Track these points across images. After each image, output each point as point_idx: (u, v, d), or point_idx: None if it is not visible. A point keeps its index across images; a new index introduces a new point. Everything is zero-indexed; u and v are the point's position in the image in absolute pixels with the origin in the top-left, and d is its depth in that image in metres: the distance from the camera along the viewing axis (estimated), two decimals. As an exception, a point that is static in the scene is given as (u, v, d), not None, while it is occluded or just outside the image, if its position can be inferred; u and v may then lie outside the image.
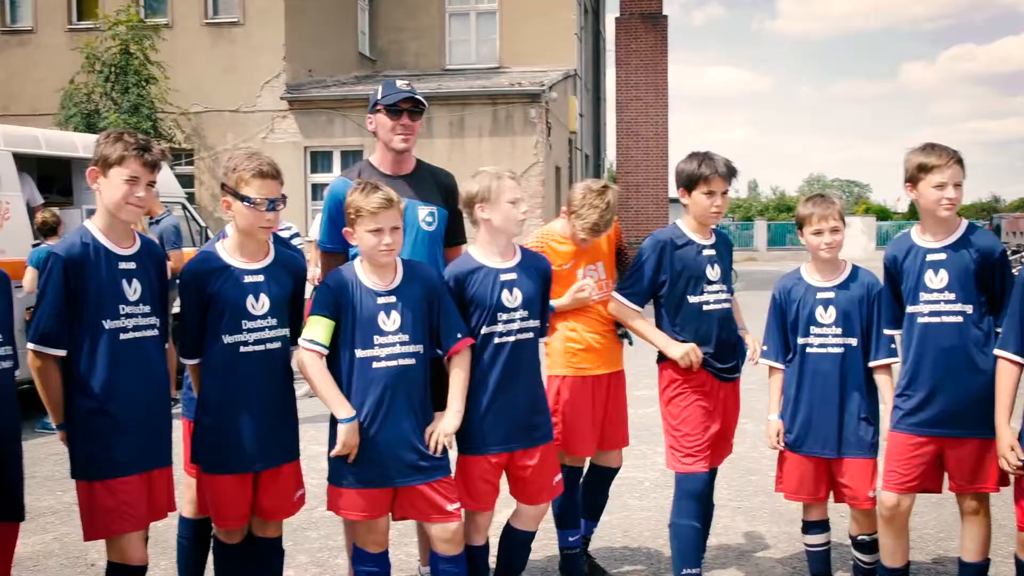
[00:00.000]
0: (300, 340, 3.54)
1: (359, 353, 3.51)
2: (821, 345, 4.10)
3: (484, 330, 3.77)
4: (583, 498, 4.53)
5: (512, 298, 3.81)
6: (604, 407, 4.43)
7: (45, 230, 8.61)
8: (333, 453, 3.49)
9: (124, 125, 15.46)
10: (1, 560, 3.06)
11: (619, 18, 25.15)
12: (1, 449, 3.00)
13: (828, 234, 4.07)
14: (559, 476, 4.03)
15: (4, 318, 3.05)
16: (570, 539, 4.47)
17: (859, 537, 4.16)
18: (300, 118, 18.13)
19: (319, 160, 18.31)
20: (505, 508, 4.07)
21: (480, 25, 21.98)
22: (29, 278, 7.97)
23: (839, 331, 4.07)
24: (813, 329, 4.11)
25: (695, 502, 4.17)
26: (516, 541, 4.06)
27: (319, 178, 17.98)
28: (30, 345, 3.22)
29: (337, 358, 3.54)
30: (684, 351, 4.11)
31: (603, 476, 4.63)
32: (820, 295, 4.12)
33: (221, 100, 18.07)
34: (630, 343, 4.61)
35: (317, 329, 3.52)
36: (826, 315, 4.09)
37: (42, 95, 17.31)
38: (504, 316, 3.79)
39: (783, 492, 4.27)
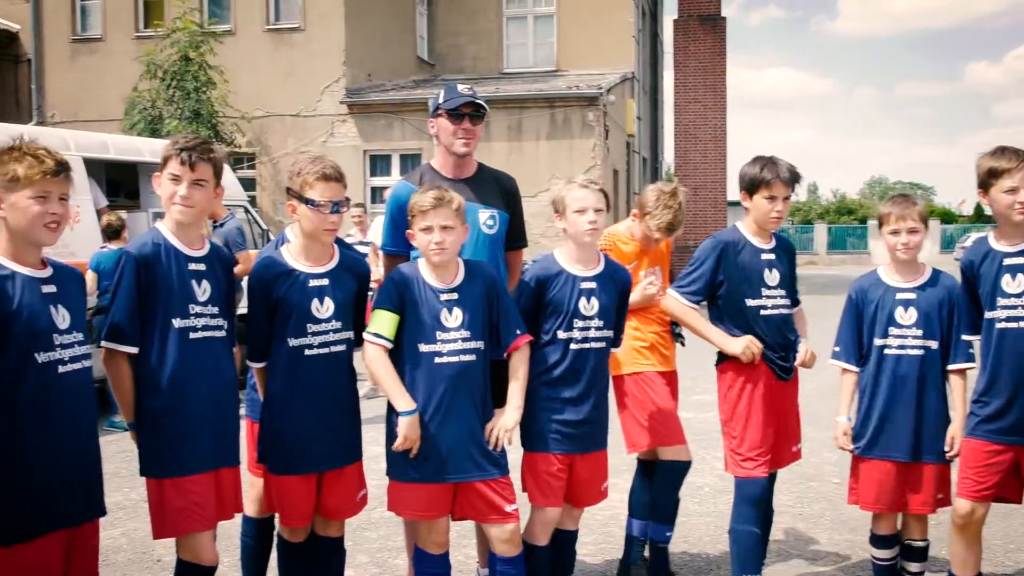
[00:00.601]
0: (365, 334, 3.59)
1: (423, 348, 3.55)
2: (900, 347, 4.02)
3: (561, 335, 3.81)
4: (650, 498, 4.54)
5: (589, 306, 3.84)
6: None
7: (110, 232, 8.81)
8: (395, 446, 3.53)
9: (186, 130, 15.78)
10: (89, 555, 3.12)
11: (677, 20, 25.00)
12: (83, 447, 3.03)
13: (905, 234, 4.01)
14: (607, 482, 4.05)
15: (81, 317, 3.08)
16: (667, 534, 4.52)
17: (914, 543, 4.09)
18: (359, 122, 18.31)
19: (378, 163, 18.48)
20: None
21: (537, 28, 22.01)
22: (89, 280, 8.16)
23: (919, 333, 3.99)
24: (892, 330, 4.03)
25: (755, 507, 4.14)
26: (561, 541, 4.07)
27: (378, 181, 18.14)
28: (103, 343, 3.29)
29: (401, 352, 3.58)
30: (744, 345, 4.08)
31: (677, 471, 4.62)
32: (900, 296, 4.05)
33: (282, 105, 18.33)
34: (683, 344, 4.61)
35: (382, 323, 3.57)
36: (906, 316, 4.02)
37: (110, 102, 17.71)
38: (580, 323, 3.82)
39: (858, 503, 4.16)
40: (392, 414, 3.61)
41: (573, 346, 3.82)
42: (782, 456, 4.33)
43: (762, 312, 4.16)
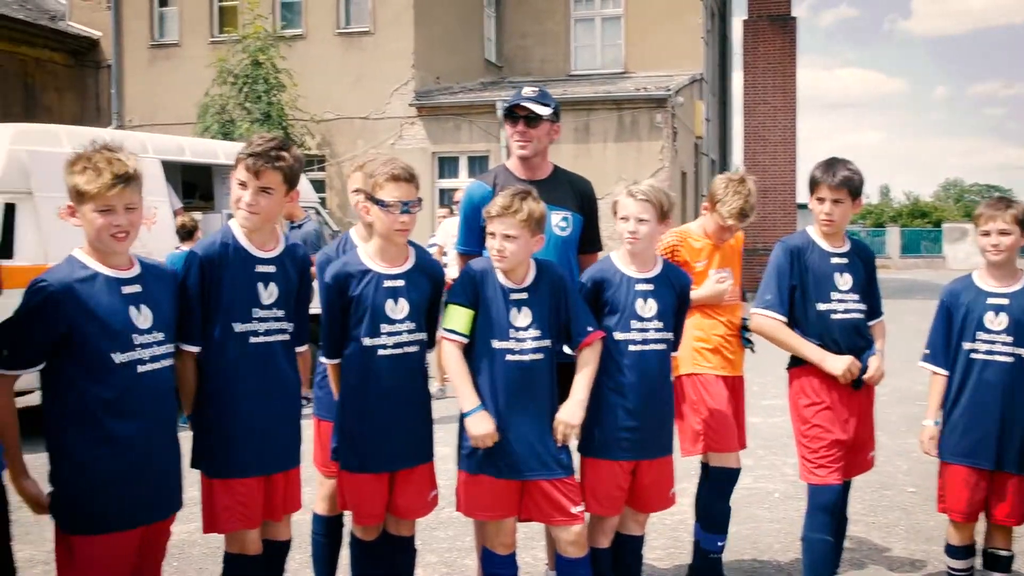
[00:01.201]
0: (440, 330, 3.62)
1: (495, 344, 3.58)
2: (988, 352, 3.94)
3: (619, 336, 3.78)
4: (700, 506, 4.49)
5: (647, 308, 3.82)
6: (732, 411, 4.42)
7: (183, 233, 9.00)
8: (471, 444, 3.55)
9: (258, 133, 16.03)
10: (159, 548, 3.19)
11: (747, 21, 24.74)
12: (162, 445, 3.09)
13: (995, 235, 3.92)
14: (674, 488, 4.02)
15: (166, 317, 3.12)
16: (719, 543, 4.45)
17: (998, 552, 3.99)
18: (427, 124, 18.44)
19: (446, 165, 18.59)
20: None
21: (605, 30, 21.95)
22: None
23: (1009, 340, 3.91)
24: (980, 335, 3.95)
25: (828, 515, 4.07)
26: (627, 546, 4.05)
27: (446, 183, 18.26)
28: None
29: (473, 348, 3.61)
30: (845, 367, 4.02)
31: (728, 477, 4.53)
32: (991, 300, 3.96)
33: (351, 107, 18.54)
34: (752, 350, 4.56)
35: (457, 318, 3.60)
36: (996, 321, 3.93)
37: (185, 105, 18.07)
38: (638, 325, 3.80)
39: (948, 512, 4.07)
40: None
41: (632, 348, 3.80)
42: (856, 463, 4.26)
43: (833, 316, 4.10)
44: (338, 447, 3.64)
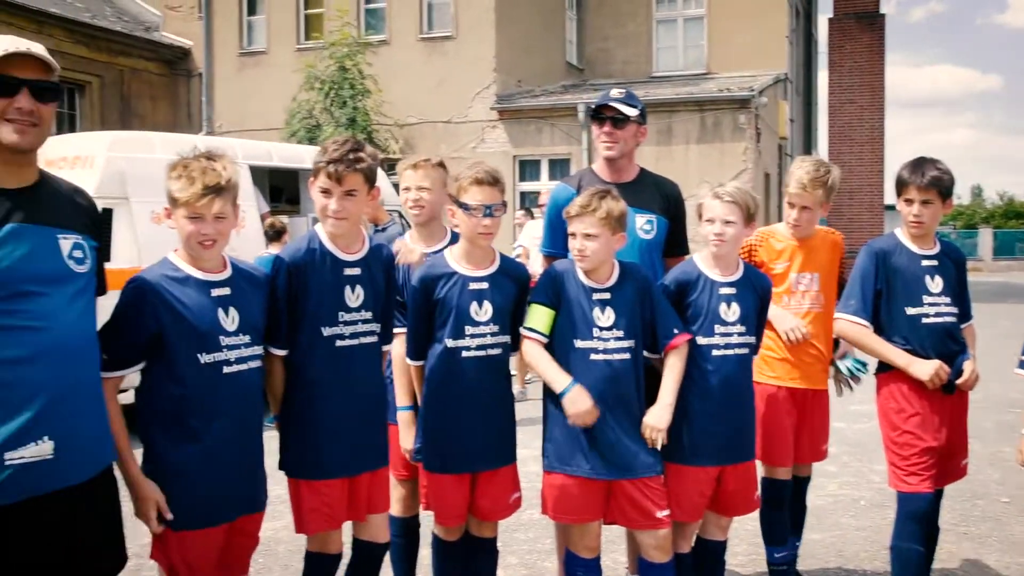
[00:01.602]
0: (521, 329, 3.63)
1: (578, 344, 3.58)
2: None
3: (702, 340, 3.75)
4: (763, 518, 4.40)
5: (730, 312, 3.79)
6: (800, 423, 4.29)
7: (272, 234, 9.18)
8: (571, 424, 3.52)
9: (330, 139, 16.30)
10: (245, 545, 3.26)
11: (832, 19, 24.27)
12: (247, 445, 3.16)
13: None
14: (758, 491, 3.97)
15: (254, 319, 3.16)
16: (776, 555, 4.38)
17: None
18: (509, 127, 18.51)
19: (527, 168, 18.64)
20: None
21: (688, 31, 21.75)
22: None
23: None
24: None
25: (918, 524, 3.97)
26: (709, 552, 4.02)
27: (527, 186, 18.30)
28: None
29: (554, 348, 3.62)
30: (932, 372, 3.92)
31: (796, 486, 4.45)
32: None
33: (434, 111, 18.71)
34: (851, 387, 4.41)
35: (538, 318, 3.61)
36: None
37: (273, 111, 18.46)
38: (721, 329, 3.76)
39: None
40: (551, 403, 3.64)
41: (716, 352, 3.77)
42: (948, 471, 4.14)
43: (924, 320, 4.00)
44: (421, 447, 3.68)
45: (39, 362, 2.52)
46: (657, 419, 3.60)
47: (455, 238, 3.98)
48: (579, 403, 3.49)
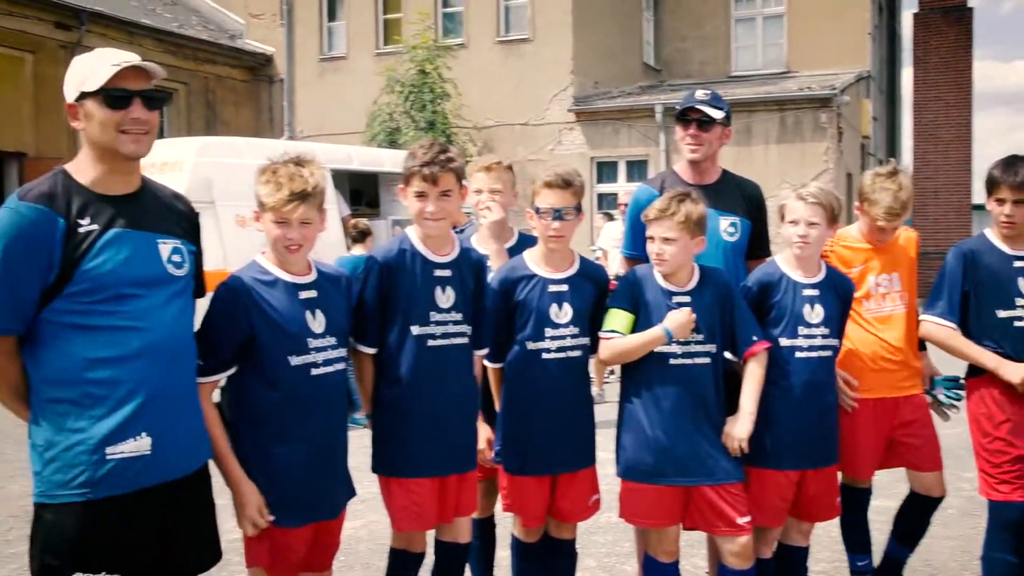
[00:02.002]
0: (601, 332, 3.63)
1: (658, 348, 3.56)
2: None
3: (785, 342, 3.71)
4: (897, 520, 4.30)
5: (814, 313, 3.73)
6: (890, 432, 4.10)
7: (356, 235, 9.26)
8: (675, 336, 3.51)
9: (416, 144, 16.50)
10: (329, 544, 3.29)
11: (917, 14, 23.66)
12: (333, 445, 3.20)
13: None
14: (839, 497, 3.91)
15: (339, 321, 3.21)
16: (858, 563, 4.30)
17: None
18: (586, 129, 18.48)
19: (604, 170, 18.59)
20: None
21: (767, 29, 21.45)
22: None
23: None
24: None
25: (1011, 534, 3.86)
26: (791, 558, 3.96)
27: (604, 188, 18.25)
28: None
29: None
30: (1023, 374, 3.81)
31: (920, 505, 4.23)
32: None
33: (511, 114, 18.77)
34: (947, 416, 4.28)
35: (617, 320, 3.60)
36: None
37: (353, 116, 18.74)
38: (805, 331, 3.71)
39: None
40: (627, 408, 3.63)
41: (799, 355, 3.71)
42: None
43: (1016, 324, 3.88)
44: (500, 449, 3.70)
45: (138, 361, 2.61)
46: (739, 428, 3.56)
47: (522, 239, 4.01)
48: (677, 318, 3.50)
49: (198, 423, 2.85)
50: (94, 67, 2.64)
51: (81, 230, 2.57)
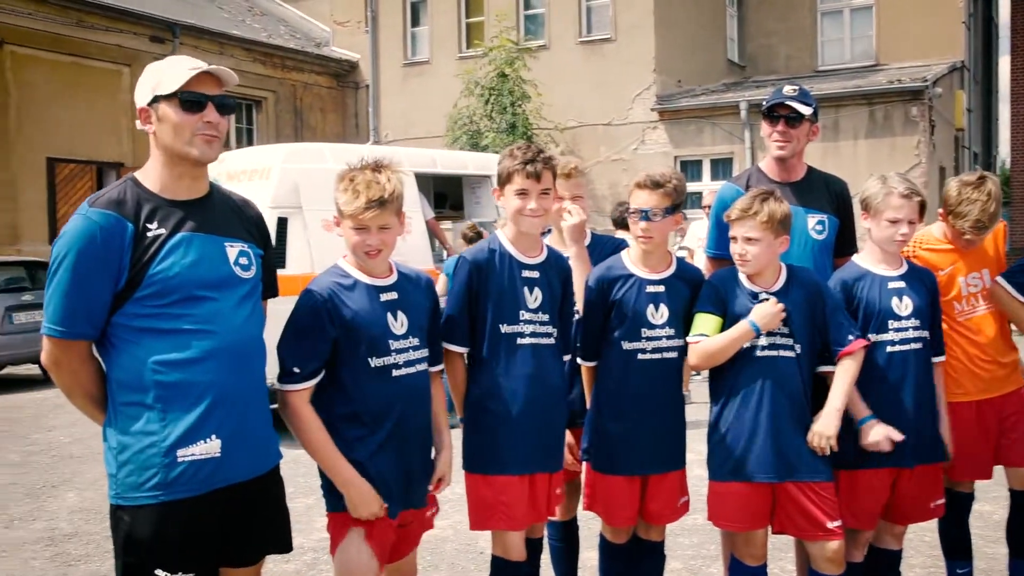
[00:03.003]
0: (688, 338, 3.60)
1: (744, 345, 3.52)
2: None
3: (874, 338, 3.63)
4: (1009, 534, 4.14)
5: (902, 306, 3.65)
6: (998, 431, 4.00)
7: (472, 237, 9.29)
8: (761, 327, 3.48)
9: (503, 143, 16.60)
10: (412, 540, 3.34)
11: (1016, 1, 22.87)
12: (417, 445, 3.22)
13: None
14: (941, 500, 3.79)
15: (420, 322, 3.23)
16: (958, 571, 4.16)
17: None
18: (670, 128, 18.33)
19: (689, 169, 18.40)
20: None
21: (855, 21, 20.98)
22: (441, 283, 8.73)
23: None
24: None
25: None
26: (883, 562, 3.86)
27: (689, 187, 18.03)
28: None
29: None
30: None
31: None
32: None
33: (594, 114, 18.73)
34: None
35: (706, 324, 3.56)
36: None
37: (436, 120, 18.91)
38: (895, 324, 3.63)
39: None
40: (716, 410, 3.60)
41: (890, 348, 3.63)
42: None
43: None
44: (589, 448, 3.70)
45: (207, 363, 2.65)
46: (825, 425, 3.48)
47: (596, 239, 4.03)
48: (763, 309, 3.47)
49: (267, 426, 2.88)
50: (169, 72, 2.69)
51: (149, 234, 2.62)
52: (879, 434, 3.52)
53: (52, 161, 16.52)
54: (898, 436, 3.52)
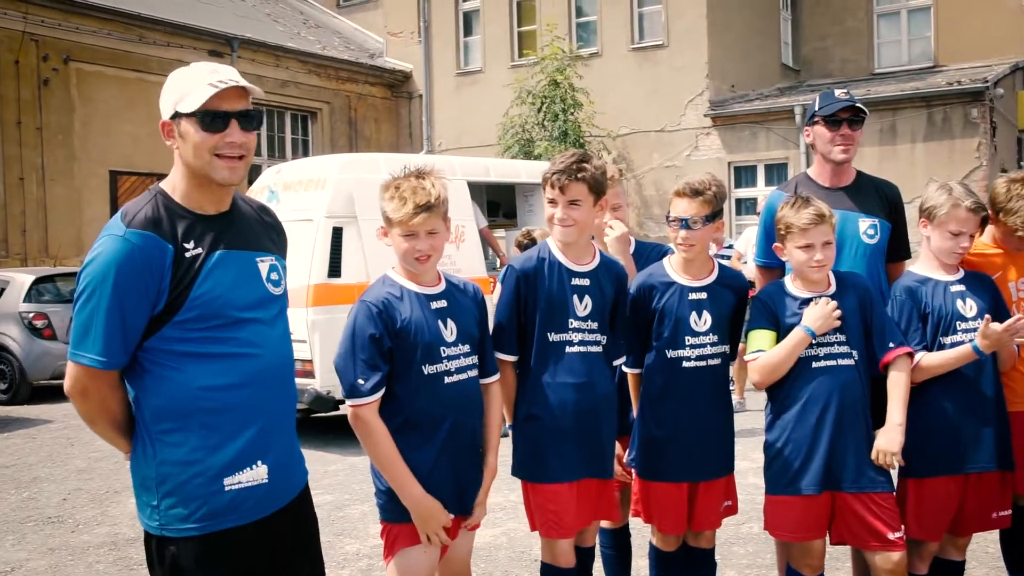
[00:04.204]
0: (747, 356, 3.59)
1: (799, 354, 3.49)
2: None
3: (945, 341, 3.60)
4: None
5: (966, 307, 3.62)
6: None
7: (526, 244, 9.13)
8: (814, 330, 3.45)
9: (555, 151, 16.63)
10: (460, 548, 3.34)
11: (1080, -1, 22.35)
12: (470, 450, 3.23)
13: None
14: (1006, 511, 3.71)
15: (470, 330, 3.24)
16: None
17: None
18: (723, 134, 18.20)
19: (743, 175, 18.25)
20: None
21: (912, 23, 20.63)
22: (497, 292, 8.72)
23: None
24: None
25: None
26: (947, 572, 3.79)
27: (743, 193, 17.93)
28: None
29: None
30: None
31: None
32: None
33: (646, 121, 18.67)
34: None
35: (760, 341, 3.55)
36: None
37: (489, 128, 18.98)
38: (963, 325, 3.59)
39: None
40: (772, 420, 3.57)
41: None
42: None
43: None
44: (636, 455, 3.70)
45: (251, 387, 2.57)
46: (889, 442, 3.44)
47: (639, 247, 4.03)
48: (815, 311, 3.45)
49: (297, 445, 2.83)
50: (191, 86, 2.52)
51: (187, 255, 2.50)
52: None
53: (115, 174, 16.95)
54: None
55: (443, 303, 3.19)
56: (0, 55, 15.58)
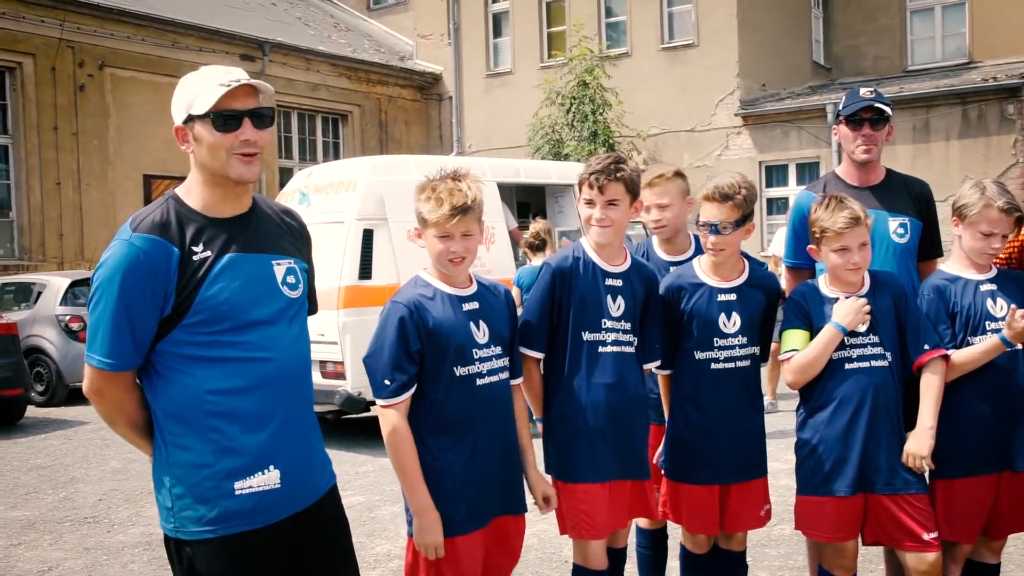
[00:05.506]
0: (781, 356, 3.58)
1: (833, 355, 3.47)
2: None
3: (974, 340, 3.56)
4: None
5: (996, 307, 3.57)
6: None
7: (537, 244, 9.05)
8: (846, 326, 3.43)
9: (585, 151, 16.62)
10: (507, 550, 3.29)
11: (1118, -7, 21.99)
12: (506, 451, 3.22)
13: None
14: None
15: (501, 331, 3.23)
16: None
17: None
18: (754, 133, 18.11)
19: (774, 174, 18.15)
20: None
21: (947, 19, 20.40)
22: (514, 295, 8.70)
23: None
24: None
25: None
26: (981, 574, 3.74)
27: (774, 192, 17.82)
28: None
29: None
30: None
31: None
32: None
33: (677, 121, 18.61)
34: None
35: (794, 340, 3.53)
36: None
37: (519, 130, 19.00)
38: (992, 325, 3.55)
39: None
40: (803, 422, 3.55)
41: None
42: None
43: None
44: (666, 457, 3.69)
45: (262, 391, 2.56)
46: (919, 445, 3.41)
47: (700, 247, 3.98)
48: (844, 307, 3.43)
49: (321, 448, 2.82)
50: (202, 88, 2.53)
51: (195, 258, 2.49)
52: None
53: (148, 178, 17.15)
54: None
55: (475, 304, 3.19)
56: (37, 62, 15.84)
